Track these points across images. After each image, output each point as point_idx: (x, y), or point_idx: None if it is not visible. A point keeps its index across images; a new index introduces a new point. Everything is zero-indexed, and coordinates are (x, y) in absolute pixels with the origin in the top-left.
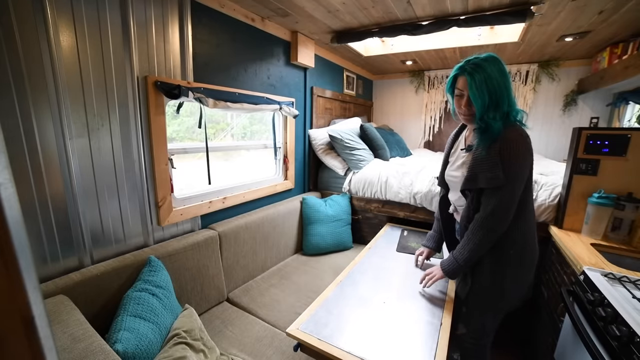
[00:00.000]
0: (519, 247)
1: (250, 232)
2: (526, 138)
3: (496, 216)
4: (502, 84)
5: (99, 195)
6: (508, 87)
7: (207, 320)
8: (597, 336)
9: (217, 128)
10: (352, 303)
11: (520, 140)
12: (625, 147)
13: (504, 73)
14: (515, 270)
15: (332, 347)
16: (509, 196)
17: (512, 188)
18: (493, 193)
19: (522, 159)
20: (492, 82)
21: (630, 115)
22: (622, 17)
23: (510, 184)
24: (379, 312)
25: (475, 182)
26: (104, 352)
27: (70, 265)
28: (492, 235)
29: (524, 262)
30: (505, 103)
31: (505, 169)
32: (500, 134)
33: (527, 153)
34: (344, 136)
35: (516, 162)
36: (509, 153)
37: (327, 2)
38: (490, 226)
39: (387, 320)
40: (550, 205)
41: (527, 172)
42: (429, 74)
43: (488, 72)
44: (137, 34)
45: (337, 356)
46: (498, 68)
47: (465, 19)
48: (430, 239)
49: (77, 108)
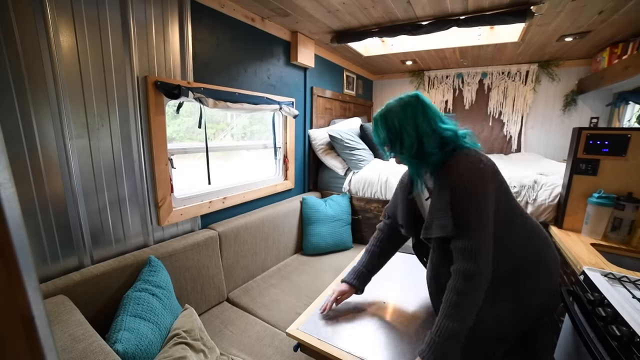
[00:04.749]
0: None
1: (250, 232)
2: (478, 164)
3: (472, 261)
4: (402, 116)
5: (99, 195)
6: (416, 116)
7: (207, 320)
8: (597, 336)
9: (217, 128)
10: (352, 303)
11: (470, 171)
12: (625, 147)
13: (407, 104)
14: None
15: (332, 347)
16: (478, 234)
17: (479, 224)
18: (458, 237)
19: (479, 191)
20: (390, 117)
21: (630, 115)
22: (622, 17)
23: (475, 222)
24: (379, 312)
25: (430, 231)
26: (104, 352)
27: (70, 265)
28: (477, 282)
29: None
30: (410, 136)
31: (463, 212)
32: (447, 164)
33: (483, 181)
34: (344, 136)
35: (474, 199)
36: (461, 193)
37: (327, 2)
38: (470, 274)
39: (387, 320)
40: (550, 205)
41: (491, 199)
42: (429, 74)
43: (386, 109)
44: (137, 34)
45: (337, 356)
46: (398, 103)
47: (465, 19)
48: (353, 275)
49: (77, 108)
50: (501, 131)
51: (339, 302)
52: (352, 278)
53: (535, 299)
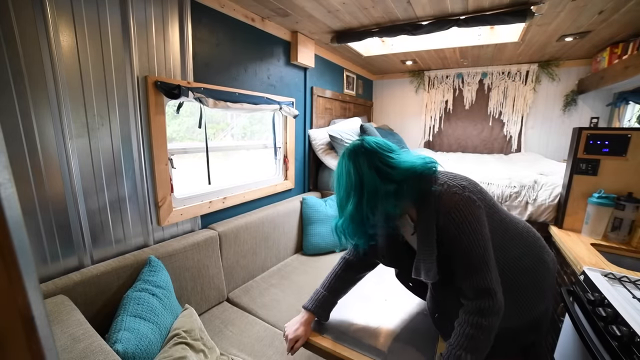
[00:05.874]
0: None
1: (250, 232)
2: (462, 194)
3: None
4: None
5: (99, 195)
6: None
7: (207, 320)
8: (597, 336)
9: (217, 128)
10: (352, 300)
11: (458, 204)
12: (625, 147)
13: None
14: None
15: (335, 344)
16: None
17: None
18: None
19: (474, 223)
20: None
21: (630, 115)
22: (622, 17)
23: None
24: (380, 309)
25: (419, 273)
26: (104, 352)
27: (70, 265)
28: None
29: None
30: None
31: (463, 251)
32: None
33: (475, 208)
34: (344, 136)
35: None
36: (455, 231)
37: (327, 2)
38: (488, 310)
39: (389, 316)
40: (550, 205)
41: (484, 225)
42: (429, 74)
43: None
44: (137, 34)
45: (339, 352)
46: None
47: (465, 19)
48: (315, 301)
49: (77, 108)
50: (501, 131)
51: (295, 349)
52: (312, 304)
53: (540, 305)
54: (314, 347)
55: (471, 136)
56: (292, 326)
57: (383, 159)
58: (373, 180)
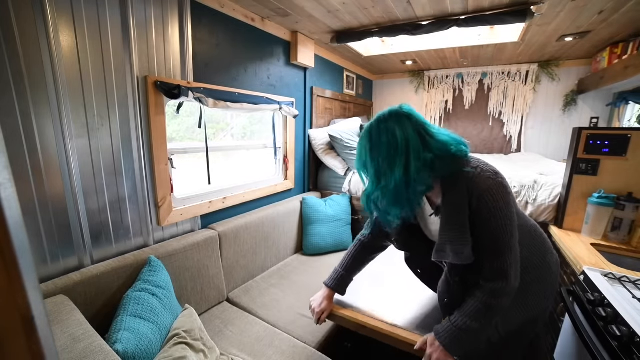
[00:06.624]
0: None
1: (250, 232)
2: (495, 179)
3: (504, 279)
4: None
5: (99, 195)
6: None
7: (207, 320)
8: (597, 336)
9: (217, 128)
10: (366, 280)
11: (492, 187)
12: (625, 147)
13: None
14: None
15: (355, 313)
16: (509, 252)
17: (509, 241)
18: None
19: (505, 207)
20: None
21: (630, 115)
22: (622, 17)
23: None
24: (390, 288)
25: (443, 254)
26: (104, 352)
27: (70, 265)
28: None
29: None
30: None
31: (492, 233)
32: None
33: (507, 194)
34: (344, 136)
35: (502, 217)
36: (487, 213)
37: (327, 2)
38: (502, 292)
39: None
40: (550, 205)
41: (513, 212)
42: (429, 74)
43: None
44: (137, 34)
45: (359, 319)
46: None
47: (465, 19)
48: (334, 279)
49: (77, 108)
50: (501, 131)
51: (322, 320)
52: (332, 281)
53: (542, 303)
54: (337, 317)
55: (471, 136)
56: (317, 300)
57: (424, 126)
58: (417, 144)
